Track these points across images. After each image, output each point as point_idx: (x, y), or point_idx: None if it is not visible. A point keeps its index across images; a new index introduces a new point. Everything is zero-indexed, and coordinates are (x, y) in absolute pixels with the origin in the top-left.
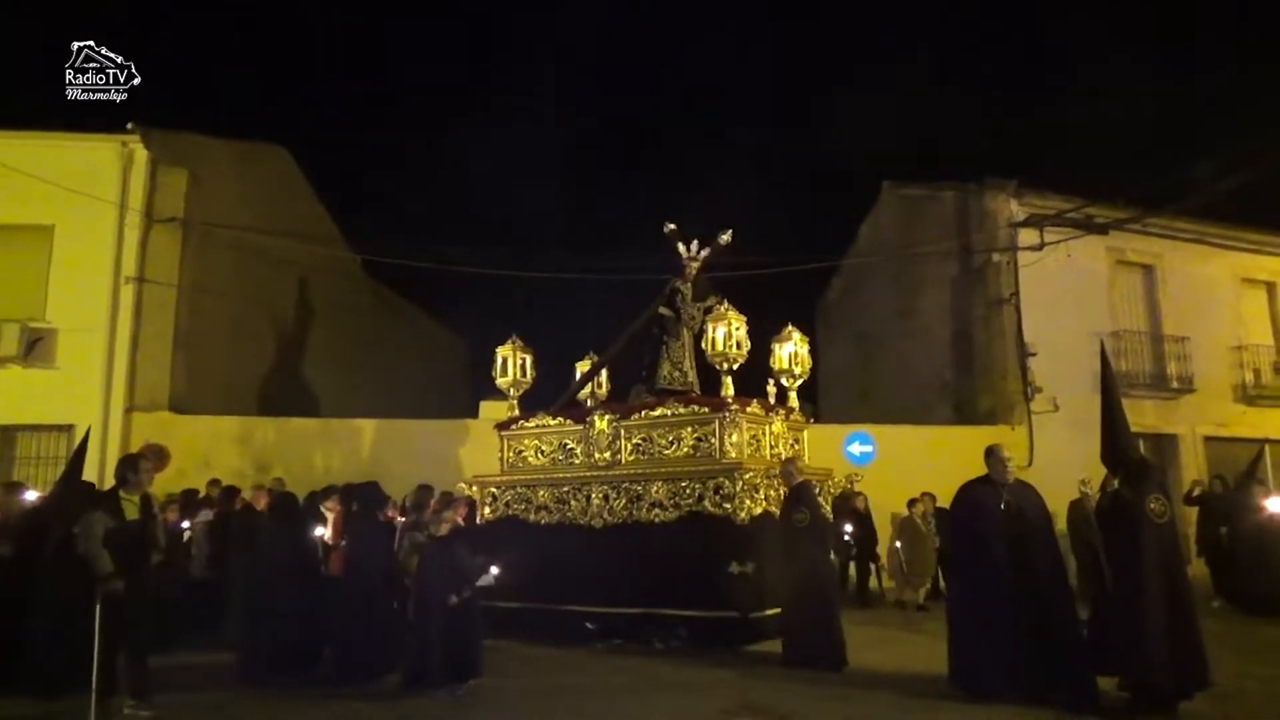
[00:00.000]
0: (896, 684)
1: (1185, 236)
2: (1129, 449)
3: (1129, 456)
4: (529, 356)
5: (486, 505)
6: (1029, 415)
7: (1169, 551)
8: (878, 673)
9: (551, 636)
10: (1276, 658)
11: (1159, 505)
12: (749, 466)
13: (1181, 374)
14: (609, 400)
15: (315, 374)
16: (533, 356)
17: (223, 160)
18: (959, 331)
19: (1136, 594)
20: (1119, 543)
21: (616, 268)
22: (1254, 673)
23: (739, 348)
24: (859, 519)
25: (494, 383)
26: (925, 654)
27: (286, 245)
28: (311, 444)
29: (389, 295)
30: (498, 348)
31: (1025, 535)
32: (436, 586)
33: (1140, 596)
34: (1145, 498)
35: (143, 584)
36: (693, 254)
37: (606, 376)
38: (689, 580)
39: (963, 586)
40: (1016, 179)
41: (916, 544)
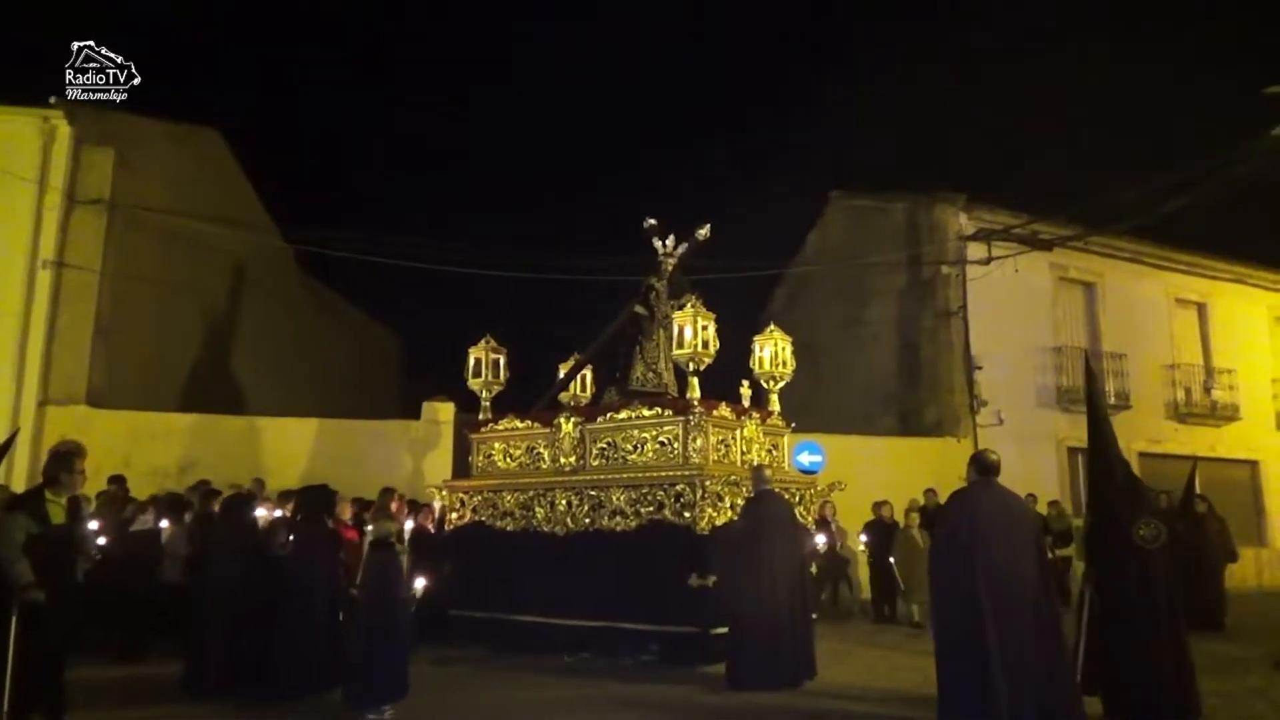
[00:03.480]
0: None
1: (1123, 256)
2: (1117, 470)
3: (1118, 478)
4: (501, 357)
5: (454, 511)
6: (974, 428)
7: (1158, 578)
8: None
9: (517, 648)
10: (1230, 673)
11: (1149, 530)
12: (710, 473)
13: (1119, 391)
14: (591, 404)
15: (243, 369)
16: (505, 357)
17: (152, 141)
18: (905, 343)
19: (1124, 621)
20: (1105, 568)
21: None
22: (1215, 689)
23: (706, 347)
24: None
25: (432, 383)
26: (885, 668)
27: (217, 233)
28: (241, 443)
29: (322, 289)
30: (469, 348)
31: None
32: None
33: (1127, 623)
34: (1134, 523)
35: (66, 595)
36: (669, 250)
37: (590, 379)
38: (654, 593)
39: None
40: (966, 193)
41: (912, 557)
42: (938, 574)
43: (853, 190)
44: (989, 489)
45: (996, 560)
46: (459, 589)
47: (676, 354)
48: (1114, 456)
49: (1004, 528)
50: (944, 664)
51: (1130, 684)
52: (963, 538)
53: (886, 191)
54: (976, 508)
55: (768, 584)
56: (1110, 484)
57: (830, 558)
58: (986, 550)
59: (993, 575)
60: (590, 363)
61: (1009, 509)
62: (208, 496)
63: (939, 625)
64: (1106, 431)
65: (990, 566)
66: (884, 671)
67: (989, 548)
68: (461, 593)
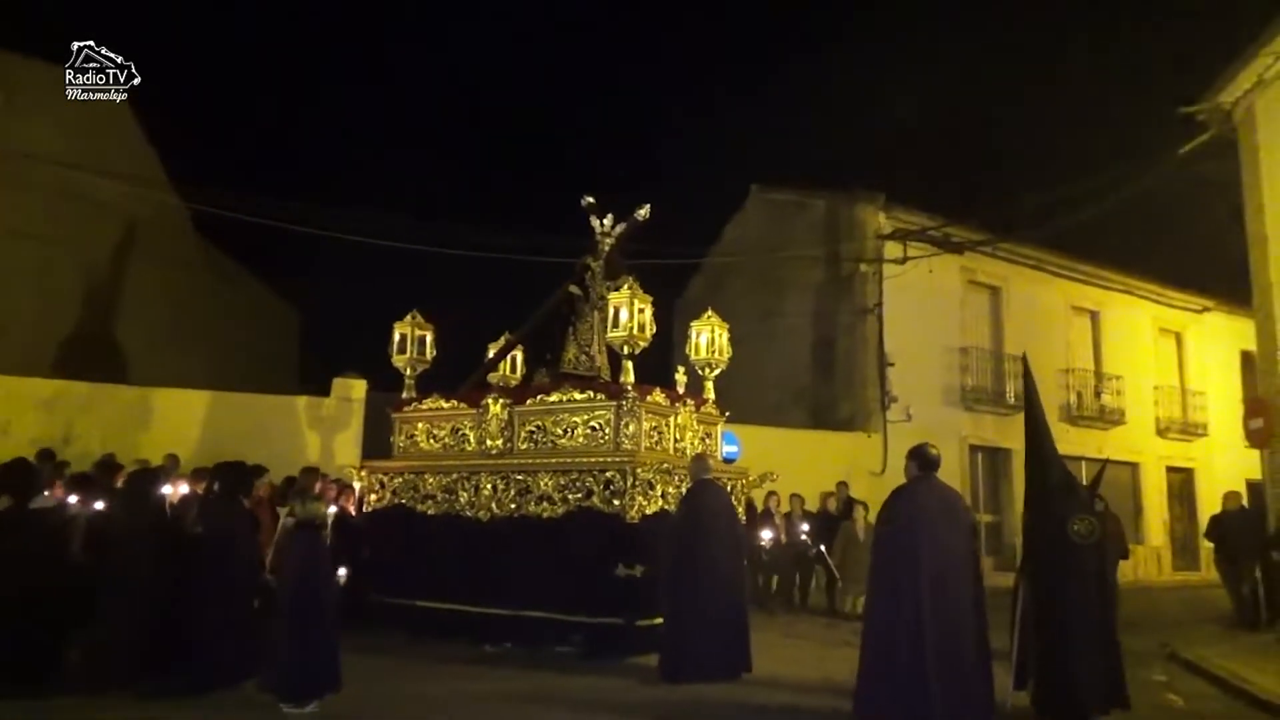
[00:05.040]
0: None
1: (1026, 263)
2: (1053, 467)
3: (1053, 475)
4: (428, 334)
5: (373, 493)
6: (885, 424)
7: (1091, 573)
8: (768, 683)
9: (436, 636)
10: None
11: (1084, 526)
12: (642, 460)
13: (1018, 392)
14: (520, 385)
15: (130, 336)
16: (433, 334)
17: (39, 85)
18: (820, 337)
19: (1055, 615)
20: (1040, 563)
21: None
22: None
23: (643, 330)
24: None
25: (333, 360)
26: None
27: (111, 190)
28: (132, 415)
29: (221, 257)
30: (395, 323)
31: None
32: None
33: (1060, 617)
34: (1069, 518)
35: None
36: (606, 229)
37: (520, 360)
38: (579, 582)
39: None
40: (884, 193)
41: (851, 551)
42: (879, 567)
43: (773, 184)
44: (930, 484)
45: (937, 555)
46: (377, 573)
47: (611, 336)
48: (1050, 455)
49: (944, 523)
50: (873, 653)
51: (1061, 677)
52: (905, 532)
53: (806, 187)
54: (918, 503)
55: (706, 575)
56: (1046, 481)
57: (784, 550)
58: (929, 545)
59: (933, 570)
60: (521, 343)
61: (948, 505)
62: (107, 470)
63: (874, 615)
64: (1043, 430)
65: (931, 561)
66: (816, 663)
67: (931, 542)
68: (380, 578)
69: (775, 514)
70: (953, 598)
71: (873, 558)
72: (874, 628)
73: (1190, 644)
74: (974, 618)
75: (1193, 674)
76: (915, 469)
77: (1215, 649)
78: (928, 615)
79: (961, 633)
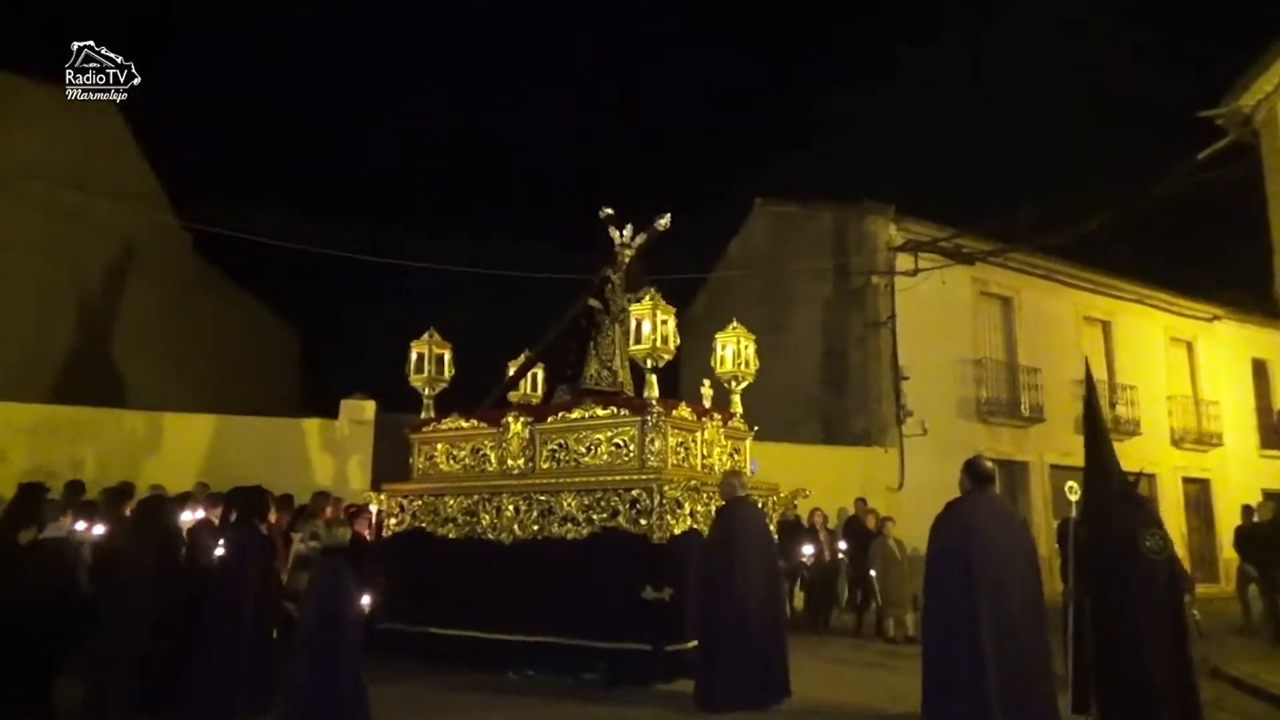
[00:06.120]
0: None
1: (1038, 273)
2: (1114, 479)
3: (1115, 487)
4: (446, 352)
5: (393, 516)
6: (900, 438)
7: (1164, 588)
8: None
9: (455, 664)
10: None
11: (1155, 540)
12: (669, 478)
13: (1033, 404)
14: (541, 403)
15: (126, 358)
16: (450, 352)
17: (37, 105)
18: (830, 351)
19: (1125, 634)
20: (1106, 579)
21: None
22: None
23: (666, 343)
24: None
25: (339, 378)
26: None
27: (108, 210)
28: (137, 440)
29: (220, 278)
30: (411, 341)
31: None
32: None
33: (1130, 637)
34: (1138, 532)
35: None
36: (626, 240)
37: (540, 378)
38: (604, 606)
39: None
40: (894, 204)
41: (889, 569)
42: (934, 585)
43: (778, 197)
44: (984, 499)
45: (994, 572)
46: (394, 600)
47: (634, 350)
48: (1112, 467)
49: (1000, 540)
50: (934, 678)
51: (1134, 700)
52: (960, 548)
53: (812, 199)
54: (973, 518)
55: (742, 597)
56: (1108, 493)
57: (821, 568)
58: (985, 561)
59: (991, 587)
60: (540, 360)
61: (1005, 519)
62: (118, 497)
63: (932, 637)
64: (1105, 441)
65: (988, 578)
66: (852, 688)
67: (987, 559)
68: (397, 604)
69: (820, 529)
70: (1011, 617)
71: (926, 576)
72: (930, 651)
73: (1231, 659)
74: (1036, 638)
75: (1241, 691)
76: (968, 483)
77: (1260, 665)
78: (985, 636)
79: (1022, 654)
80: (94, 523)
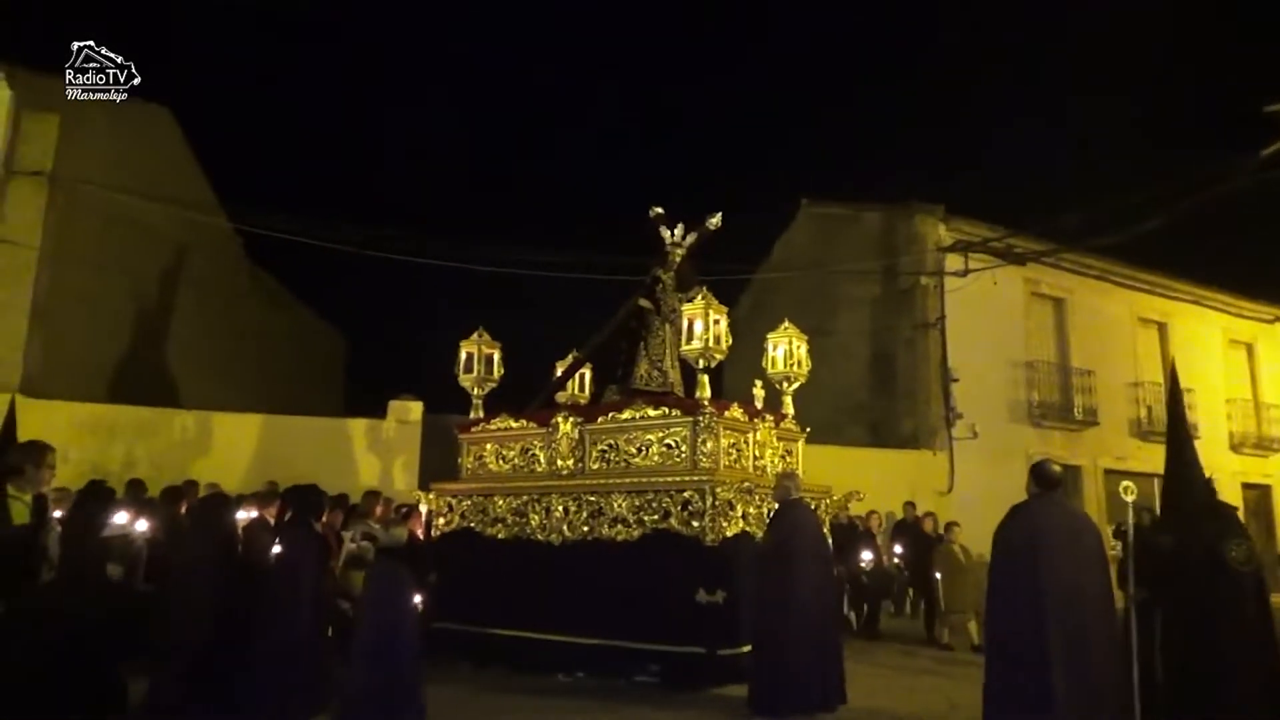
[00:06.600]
0: None
1: (1091, 274)
2: (1197, 487)
3: (1199, 495)
4: (495, 352)
5: (441, 516)
6: (950, 441)
7: (1251, 602)
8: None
9: (504, 665)
10: None
11: (1240, 552)
12: (722, 479)
13: (1088, 407)
14: (590, 404)
15: (178, 360)
16: (499, 352)
17: (97, 115)
18: (878, 353)
19: (1207, 650)
20: (1187, 592)
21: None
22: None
23: (718, 343)
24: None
25: (384, 381)
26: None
27: (162, 216)
28: (188, 439)
29: (270, 281)
30: (461, 341)
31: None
32: (375, 609)
33: (1214, 652)
34: (1225, 543)
35: (28, 607)
36: (676, 239)
37: (588, 379)
38: (656, 608)
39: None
40: (943, 204)
41: (953, 575)
42: (999, 592)
43: (823, 198)
44: (1051, 503)
45: (1064, 578)
46: (443, 600)
47: (686, 349)
48: (1195, 474)
49: (1068, 546)
50: (998, 686)
51: (1219, 713)
52: (1027, 554)
53: (857, 200)
54: (1041, 523)
55: (799, 601)
56: (1189, 502)
57: (879, 573)
58: (1053, 568)
59: (1060, 594)
60: (590, 360)
61: (1073, 524)
62: (173, 496)
63: (997, 644)
64: (1188, 448)
65: (1058, 585)
66: (906, 694)
67: (1056, 565)
68: (446, 604)
69: (876, 534)
70: (1082, 626)
71: (991, 582)
72: (995, 659)
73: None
74: (1107, 648)
75: None
76: (1034, 487)
77: None
78: (1054, 644)
79: (1092, 663)
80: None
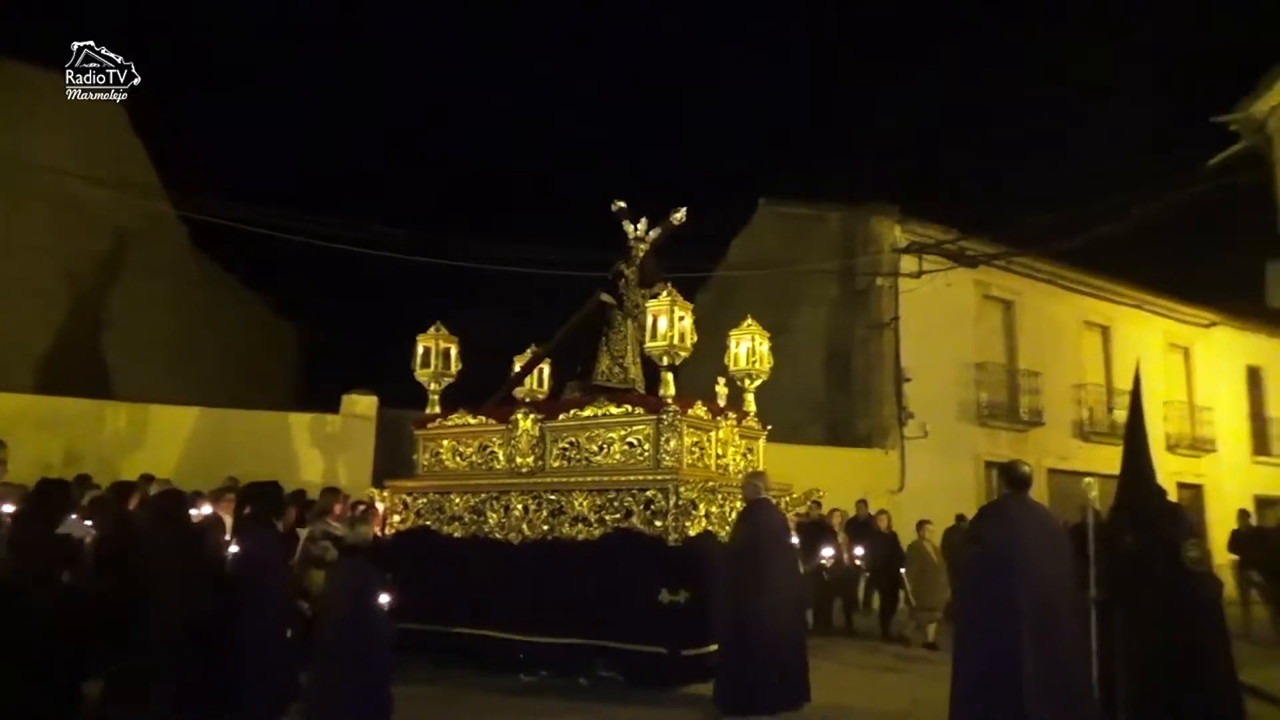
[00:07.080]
0: None
1: (1040, 277)
2: (1151, 488)
3: (1157, 499)
4: (453, 347)
5: (396, 514)
6: (902, 440)
7: (1209, 602)
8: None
9: (462, 665)
10: None
11: (1197, 552)
12: (686, 479)
13: (1033, 408)
14: (547, 401)
15: (117, 350)
16: (458, 346)
17: (38, 94)
18: (834, 353)
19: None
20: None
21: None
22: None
23: (683, 340)
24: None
25: (338, 374)
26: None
27: (105, 199)
28: (134, 432)
29: (217, 270)
30: (418, 335)
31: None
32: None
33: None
34: (1181, 543)
35: None
36: (639, 234)
37: (547, 374)
38: (618, 608)
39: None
40: (899, 205)
41: (926, 573)
42: (974, 591)
43: (782, 197)
44: (1026, 504)
45: (1034, 579)
46: (399, 599)
47: (650, 347)
48: (1149, 475)
49: (1041, 545)
50: (968, 683)
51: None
52: (1002, 554)
53: (816, 200)
54: (1015, 523)
55: (767, 600)
56: (1149, 503)
57: (839, 570)
58: (1024, 568)
59: (1031, 595)
60: (550, 355)
61: (1048, 526)
62: (123, 491)
63: (970, 641)
64: (1144, 449)
65: (1028, 586)
66: (872, 692)
67: (1025, 565)
68: (401, 604)
69: (838, 531)
70: (1053, 625)
71: (966, 579)
72: (965, 657)
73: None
74: (1079, 649)
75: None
76: (1006, 487)
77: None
78: (1028, 643)
79: (1065, 664)
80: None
